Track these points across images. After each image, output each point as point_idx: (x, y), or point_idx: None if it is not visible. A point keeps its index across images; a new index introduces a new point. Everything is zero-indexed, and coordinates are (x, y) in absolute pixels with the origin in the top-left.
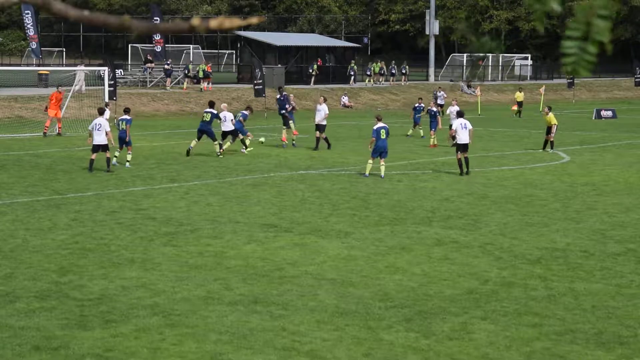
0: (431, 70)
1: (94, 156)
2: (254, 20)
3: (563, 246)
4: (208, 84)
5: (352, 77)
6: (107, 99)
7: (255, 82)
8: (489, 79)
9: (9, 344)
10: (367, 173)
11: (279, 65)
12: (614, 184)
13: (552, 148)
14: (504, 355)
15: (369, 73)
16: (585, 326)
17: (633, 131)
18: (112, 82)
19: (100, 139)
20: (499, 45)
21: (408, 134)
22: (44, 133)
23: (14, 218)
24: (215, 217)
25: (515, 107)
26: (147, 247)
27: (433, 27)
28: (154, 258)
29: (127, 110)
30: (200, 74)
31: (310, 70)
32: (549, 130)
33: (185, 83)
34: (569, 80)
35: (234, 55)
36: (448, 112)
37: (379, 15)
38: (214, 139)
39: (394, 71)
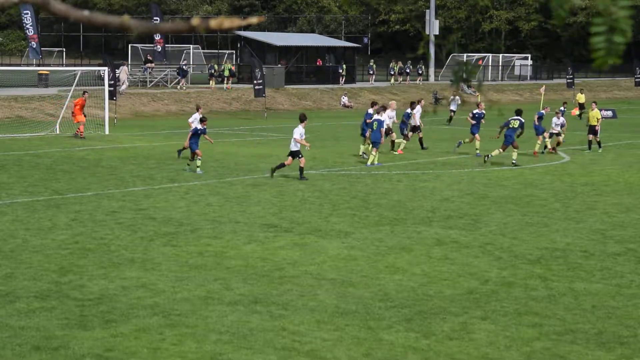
0: (431, 70)
1: (288, 162)
2: (253, 20)
3: (563, 246)
4: (230, 82)
5: (373, 76)
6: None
7: (255, 82)
8: (489, 78)
9: (9, 344)
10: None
11: (279, 65)
12: (614, 184)
13: (600, 147)
14: (504, 355)
15: (392, 73)
16: (586, 326)
17: (633, 131)
18: (112, 82)
19: (292, 145)
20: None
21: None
22: (77, 135)
23: (14, 218)
24: (215, 217)
25: (576, 110)
26: (147, 247)
27: (433, 27)
28: (154, 258)
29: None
30: (227, 73)
31: (340, 70)
32: (592, 129)
33: (212, 82)
34: (568, 80)
35: (234, 55)
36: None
37: (379, 16)
38: None
39: (408, 70)
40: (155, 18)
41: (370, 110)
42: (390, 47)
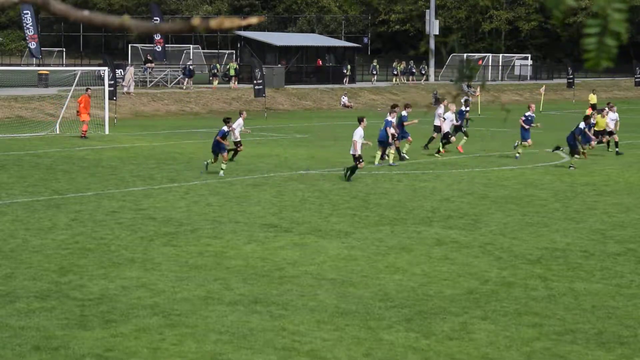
0: (431, 70)
1: (361, 165)
2: (253, 20)
3: (563, 246)
4: (235, 81)
5: (375, 76)
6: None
7: (255, 82)
8: (489, 78)
9: (9, 344)
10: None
11: (279, 65)
12: (614, 183)
13: (609, 147)
14: (504, 355)
15: (395, 72)
16: (586, 326)
17: (633, 131)
18: (112, 82)
19: (352, 149)
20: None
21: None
22: (83, 136)
23: (14, 218)
24: (215, 217)
25: (589, 111)
26: (147, 247)
27: (433, 27)
28: (154, 258)
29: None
30: (232, 72)
31: (345, 70)
32: (602, 132)
33: (215, 82)
34: (568, 80)
35: (234, 55)
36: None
37: (379, 15)
38: None
39: (414, 70)
40: (155, 18)
41: (404, 112)
42: (390, 47)
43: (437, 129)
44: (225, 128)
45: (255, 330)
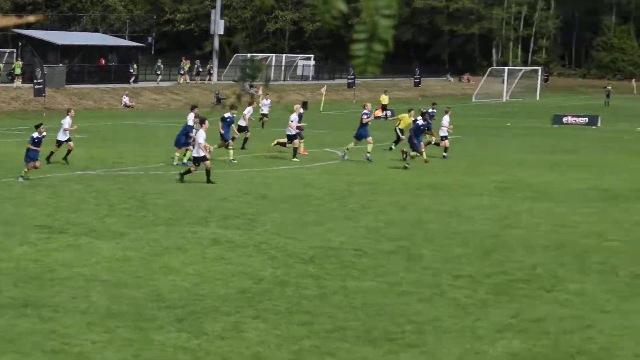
0: (214, 70)
1: (194, 168)
2: (31, 18)
3: (337, 245)
4: (20, 80)
5: (159, 76)
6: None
7: (35, 81)
8: (272, 78)
9: None
10: None
11: (61, 65)
12: (390, 182)
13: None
14: (274, 353)
15: (181, 72)
16: (356, 323)
17: None
18: None
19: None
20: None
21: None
22: None
23: None
24: None
25: (379, 112)
26: None
27: (218, 26)
28: None
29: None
30: (18, 71)
31: (132, 70)
32: (402, 132)
33: None
34: (349, 81)
35: (15, 54)
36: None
37: (165, 15)
38: None
39: (200, 70)
40: None
41: (228, 114)
42: (175, 47)
43: (242, 128)
44: (35, 134)
45: (23, 333)
